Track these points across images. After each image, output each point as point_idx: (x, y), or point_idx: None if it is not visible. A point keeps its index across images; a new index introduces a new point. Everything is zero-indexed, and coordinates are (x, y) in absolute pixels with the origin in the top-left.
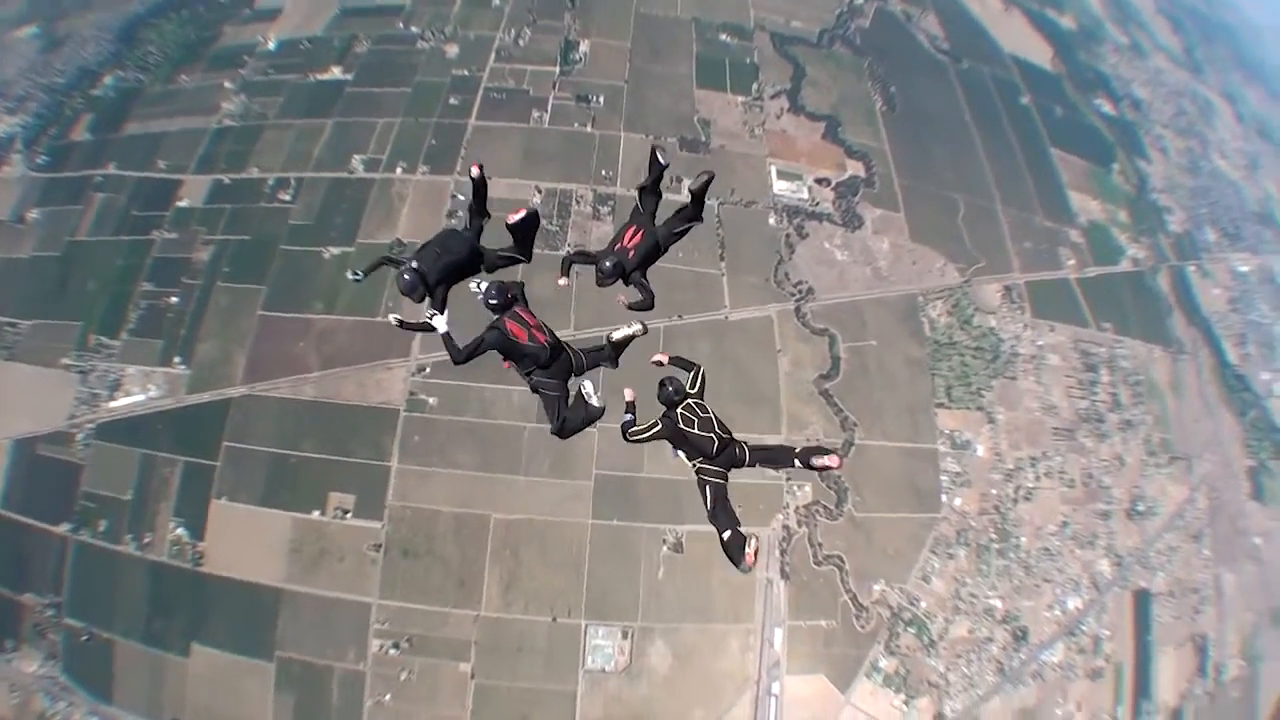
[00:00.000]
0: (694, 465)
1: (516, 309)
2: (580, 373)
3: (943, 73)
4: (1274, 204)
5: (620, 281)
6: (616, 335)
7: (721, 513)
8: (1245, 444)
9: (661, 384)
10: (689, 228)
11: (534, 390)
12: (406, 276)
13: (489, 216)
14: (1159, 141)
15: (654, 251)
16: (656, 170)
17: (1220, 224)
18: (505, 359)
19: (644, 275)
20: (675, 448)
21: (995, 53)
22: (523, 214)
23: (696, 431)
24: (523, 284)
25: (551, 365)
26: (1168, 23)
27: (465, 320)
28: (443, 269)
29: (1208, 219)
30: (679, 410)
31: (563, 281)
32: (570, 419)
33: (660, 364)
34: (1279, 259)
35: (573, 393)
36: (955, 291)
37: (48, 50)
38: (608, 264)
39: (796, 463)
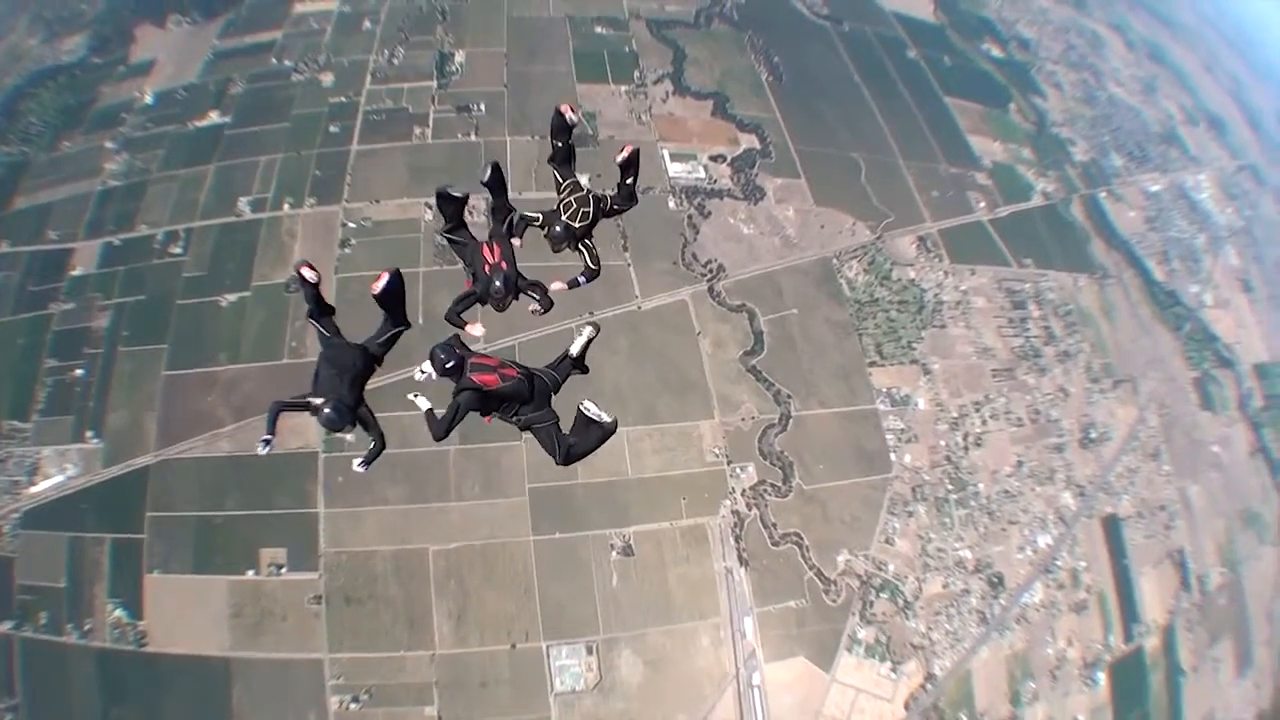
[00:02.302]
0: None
1: (470, 359)
2: (556, 390)
3: (825, 37)
4: (1175, 123)
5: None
6: (575, 348)
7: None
8: (1185, 357)
9: (550, 238)
10: (510, 218)
11: (525, 429)
12: (328, 411)
13: (334, 310)
14: (1052, 77)
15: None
16: (455, 208)
17: (1125, 148)
18: (485, 414)
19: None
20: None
21: (876, 11)
22: (384, 279)
23: (594, 209)
24: (457, 336)
25: (533, 397)
26: None
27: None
28: (350, 387)
29: (1112, 145)
30: (576, 228)
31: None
32: (578, 444)
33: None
34: (1188, 175)
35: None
36: (869, 249)
37: None
38: (498, 284)
39: (627, 178)
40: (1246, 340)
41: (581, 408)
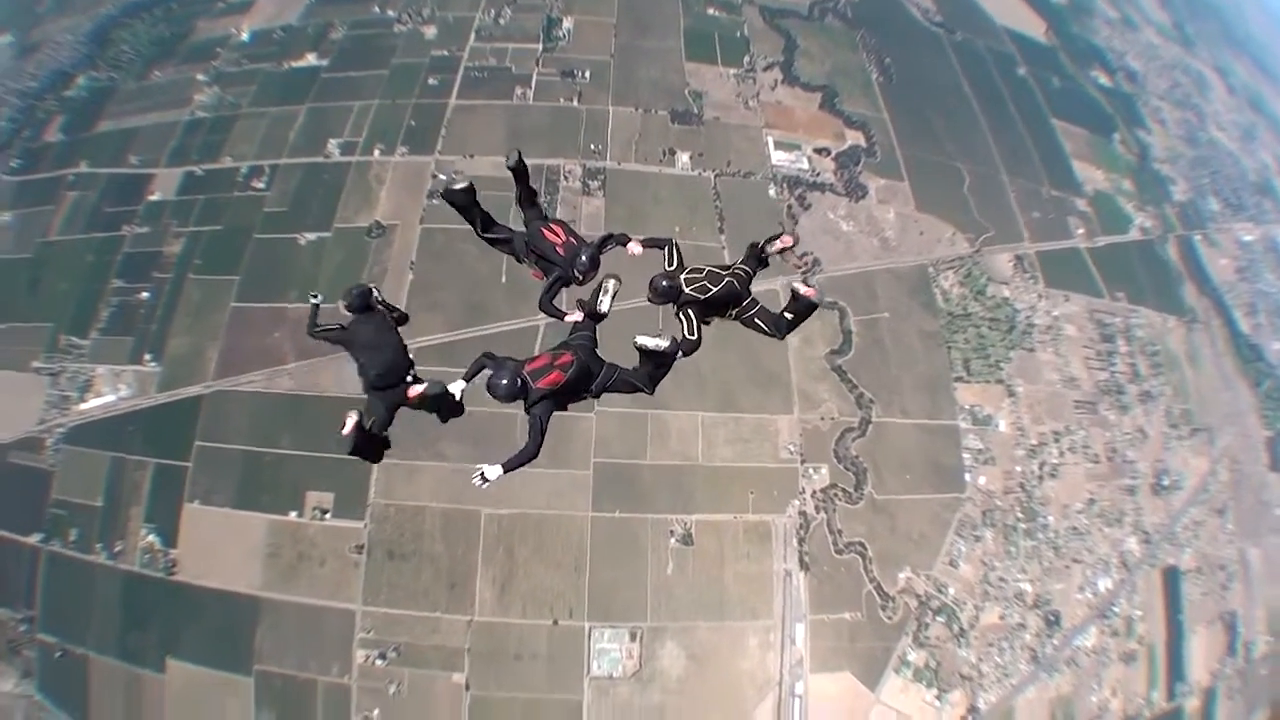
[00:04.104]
0: (730, 315)
1: (523, 369)
2: (595, 345)
3: (938, 44)
4: (1271, 174)
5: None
6: (605, 306)
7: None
8: (1262, 414)
9: (652, 288)
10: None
11: (599, 395)
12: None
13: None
14: (1157, 113)
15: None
16: (468, 200)
17: (1222, 194)
18: (562, 408)
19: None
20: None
21: (989, 25)
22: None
23: (717, 290)
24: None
25: (591, 367)
26: None
27: None
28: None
29: (1210, 189)
30: (685, 293)
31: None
32: (655, 371)
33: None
34: None
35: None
36: (966, 261)
37: (21, 57)
38: (583, 259)
39: (790, 312)
40: None
41: (637, 344)
